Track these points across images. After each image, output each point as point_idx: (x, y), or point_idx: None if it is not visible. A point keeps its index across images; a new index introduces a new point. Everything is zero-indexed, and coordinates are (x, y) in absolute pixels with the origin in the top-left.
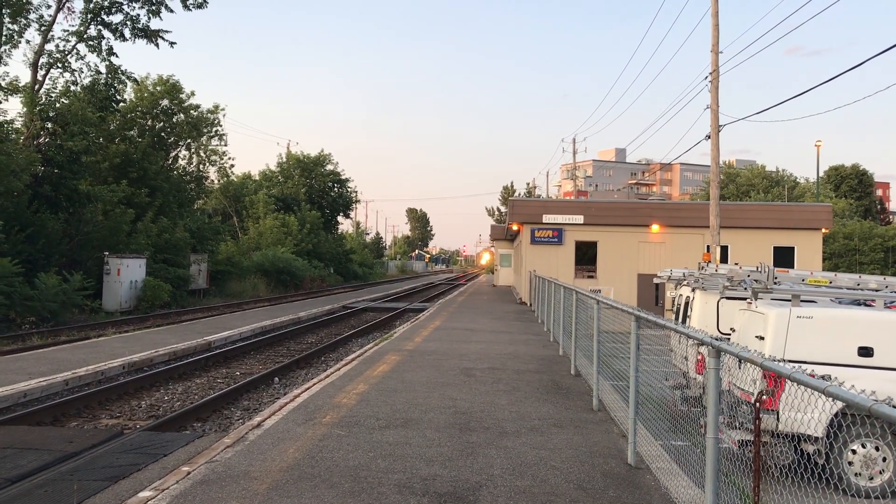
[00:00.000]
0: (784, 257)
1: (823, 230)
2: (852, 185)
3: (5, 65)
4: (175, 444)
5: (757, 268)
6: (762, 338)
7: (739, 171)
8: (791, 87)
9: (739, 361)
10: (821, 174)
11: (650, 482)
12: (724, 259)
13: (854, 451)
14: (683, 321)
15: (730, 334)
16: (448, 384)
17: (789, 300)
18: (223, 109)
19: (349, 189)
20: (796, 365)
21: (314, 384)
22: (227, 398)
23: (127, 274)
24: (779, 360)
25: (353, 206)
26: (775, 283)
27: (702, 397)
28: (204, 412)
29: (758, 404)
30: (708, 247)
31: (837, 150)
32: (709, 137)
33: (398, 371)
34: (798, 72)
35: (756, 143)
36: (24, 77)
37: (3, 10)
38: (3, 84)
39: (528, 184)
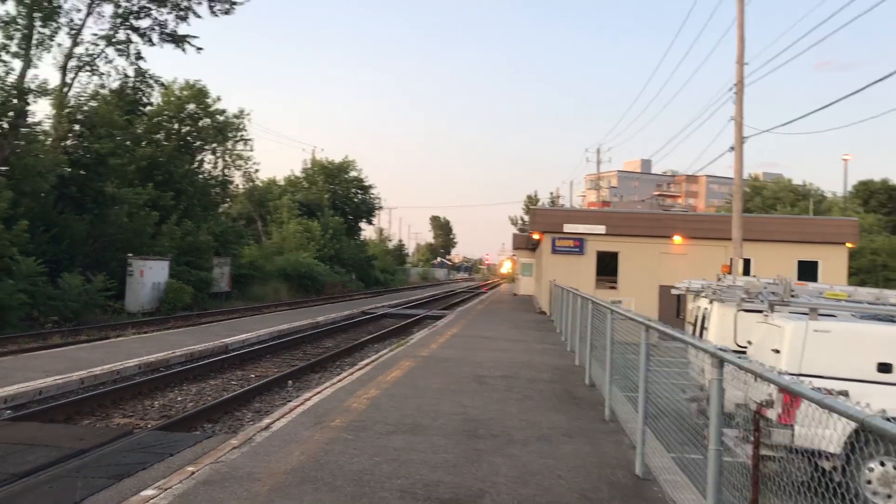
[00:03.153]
0: (808, 271)
1: (849, 245)
2: (881, 200)
3: (35, 67)
4: (183, 444)
5: (774, 280)
6: (778, 351)
7: (766, 185)
8: (821, 102)
9: (755, 375)
10: (849, 188)
11: (657, 494)
12: (746, 272)
13: (872, 469)
14: (701, 333)
15: (746, 347)
16: (460, 391)
17: (808, 314)
18: (248, 114)
19: (372, 195)
20: (807, 379)
21: (326, 388)
22: (239, 400)
23: (150, 276)
24: (782, 373)
25: (376, 212)
26: (792, 296)
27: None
28: (215, 413)
29: (757, 415)
30: (731, 259)
31: (867, 165)
32: (733, 149)
33: (411, 377)
34: (829, 86)
35: (784, 157)
36: (54, 80)
37: (35, 14)
38: (32, 87)
39: (551, 193)
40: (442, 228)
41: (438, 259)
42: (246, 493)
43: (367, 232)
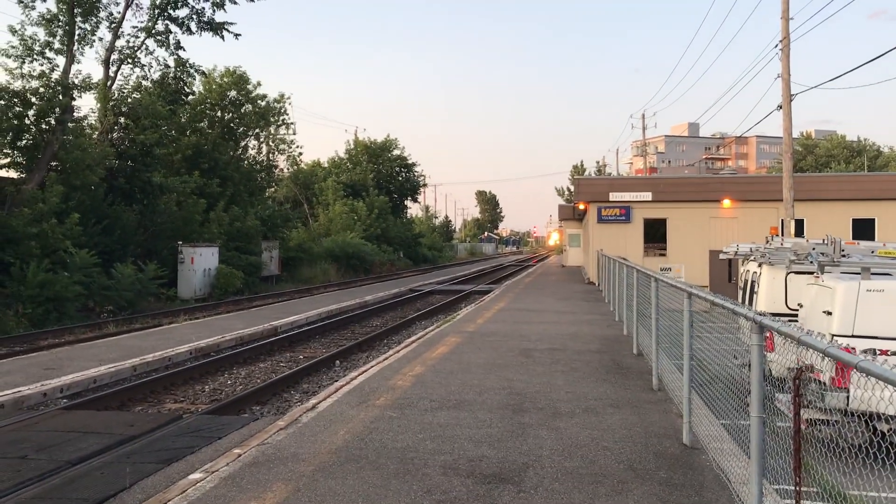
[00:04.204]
0: (864, 229)
1: None
2: None
3: (78, 63)
4: (231, 428)
5: (823, 240)
6: (830, 313)
7: (818, 143)
8: (875, 54)
9: (794, 340)
10: None
11: (704, 463)
12: (799, 233)
13: None
14: (751, 298)
15: (798, 310)
16: (505, 365)
17: (860, 273)
18: (289, 98)
19: (416, 173)
20: (860, 341)
21: (372, 367)
22: (287, 381)
23: (200, 262)
24: (834, 335)
25: (421, 190)
26: (843, 256)
27: (770, 375)
28: (264, 395)
29: (797, 381)
30: (782, 221)
31: None
32: (780, 108)
33: (456, 353)
34: (883, 37)
35: (838, 114)
36: (97, 74)
37: (75, 10)
38: (77, 82)
39: (597, 162)
40: (488, 203)
41: (486, 233)
42: (291, 474)
43: (413, 210)
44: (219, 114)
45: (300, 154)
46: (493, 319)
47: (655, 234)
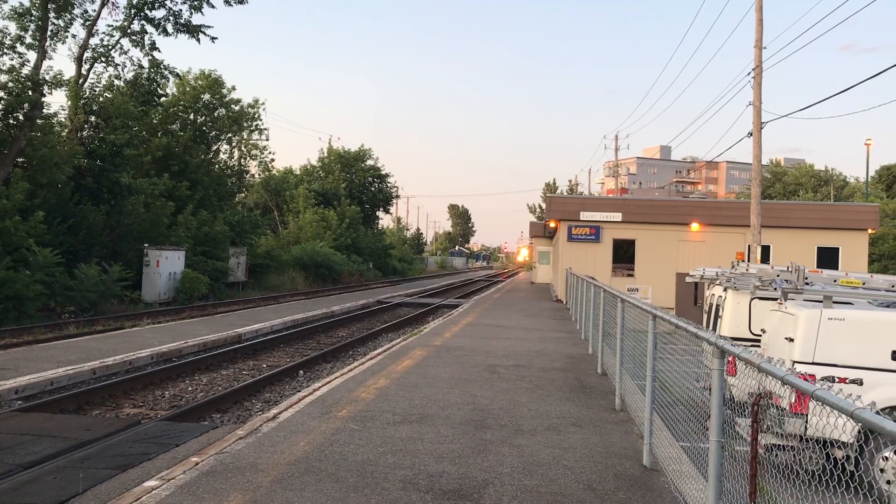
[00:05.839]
0: (828, 258)
1: (869, 231)
2: None
3: (50, 59)
4: (189, 435)
5: (788, 267)
6: (792, 339)
7: (787, 170)
8: (845, 86)
9: (754, 367)
10: (872, 174)
11: (663, 484)
12: (766, 259)
13: (886, 459)
14: (715, 322)
15: (761, 336)
16: (470, 381)
17: (822, 301)
18: (263, 104)
19: (389, 184)
20: (821, 368)
21: (336, 378)
22: (249, 390)
23: (166, 266)
24: (795, 361)
25: (394, 201)
26: (806, 284)
27: (731, 399)
28: (225, 403)
29: (755, 406)
30: (749, 246)
31: (892, 149)
32: (751, 135)
33: (422, 367)
34: (853, 69)
35: (807, 142)
36: (69, 71)
37: (49, 5)
38: (48, 78)
39: (570, 181)
40: (460, 217)
41: (456, 247)
42: (248, 484)
43: (385, 221)
44: (191, 116)
45: (272, 160)
46: (460, 334)
47: (624, 255)
